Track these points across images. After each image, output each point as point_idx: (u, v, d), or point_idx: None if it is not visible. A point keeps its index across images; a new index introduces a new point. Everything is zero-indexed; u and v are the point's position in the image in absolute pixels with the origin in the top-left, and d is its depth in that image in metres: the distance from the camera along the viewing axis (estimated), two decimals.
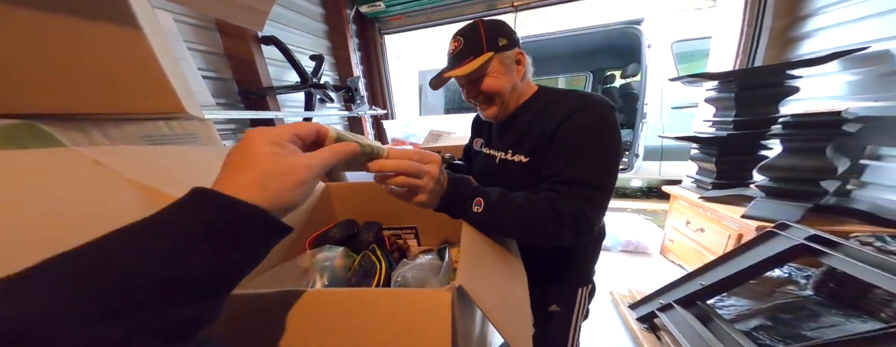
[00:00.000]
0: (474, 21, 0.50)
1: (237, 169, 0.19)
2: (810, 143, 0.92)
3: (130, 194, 0.30)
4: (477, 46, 0.48)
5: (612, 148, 0.43)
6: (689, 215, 1.28)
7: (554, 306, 0.56)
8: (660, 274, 1.33)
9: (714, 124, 1.22)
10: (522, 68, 0.51)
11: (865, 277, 0.58)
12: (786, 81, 1.08)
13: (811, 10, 1.11)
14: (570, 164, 0.42)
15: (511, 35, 0.49)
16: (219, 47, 1.09)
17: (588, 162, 0.41)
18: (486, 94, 0.50)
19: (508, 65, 0.49)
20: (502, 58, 0.48)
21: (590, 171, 0.41)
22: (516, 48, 0.50)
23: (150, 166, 0.35)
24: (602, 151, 0.42)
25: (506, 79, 0.49)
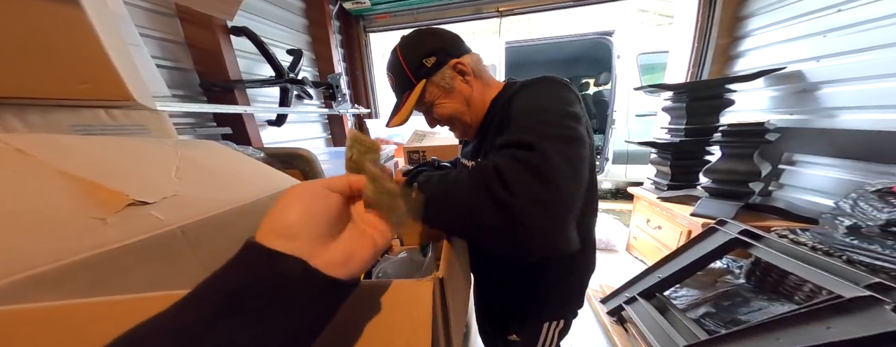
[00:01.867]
0: (393, 49, 0.44)
1: (276, 212, 0.16)
2: (742, 150, 1.05)
3: (65, 186, 0.27)
4: (405, 79, 0.43)
5: (553, 109, 0.33)
6: (649, 214, 1.41)
7: (513, 335, 0.50)
8: (627, 270, 1.43)
9: (669, 131, 1.35)
10: (469, 77, 0.44)
11: (782, 265, 0.67)
12: (725, 94, 1.23)
13: (745, 32, 1.28)
14: (505, 136, 0.31)
15: (439, 49, 0.42)
16: (178, 35, 0.98)
17: (523, 125, 0.31)
18: (441, 122, 0.48)
19: (447, 85, 0.43)
20: (437, 80, 0.43)
21: (514, 133, 0.30)
22: (450, 59, 0.43)
23: (87, 157, 0.31)
24: (538, 114, 0.32)
25: (451, 100, 0.44)
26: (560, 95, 0.35)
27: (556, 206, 0.25)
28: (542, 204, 0.24)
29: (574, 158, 0.28)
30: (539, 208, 0.24)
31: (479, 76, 0.46)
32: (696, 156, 1.31)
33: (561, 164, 0.26)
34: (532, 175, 0.25)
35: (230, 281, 0.14)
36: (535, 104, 0.35)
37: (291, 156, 0.87)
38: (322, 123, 1.72)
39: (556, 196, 0.25)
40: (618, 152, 2.50)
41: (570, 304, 0.51)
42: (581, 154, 0.29)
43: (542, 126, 0.30)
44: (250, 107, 1.11)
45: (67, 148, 0.31)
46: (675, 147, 1.30)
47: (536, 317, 0.49)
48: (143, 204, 0.29)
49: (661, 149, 1.39)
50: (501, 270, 0.49)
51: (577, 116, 0.33)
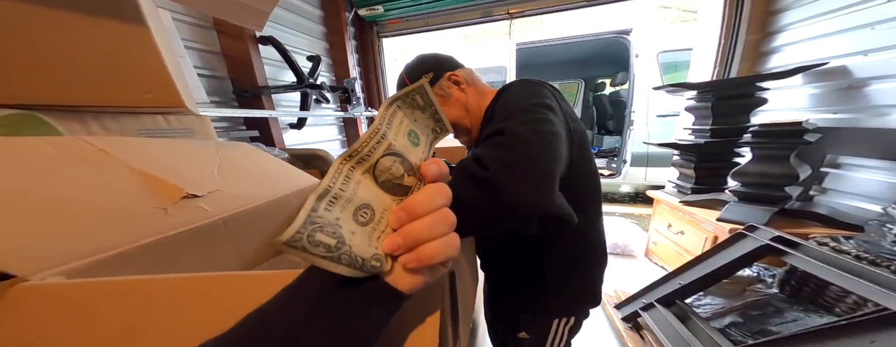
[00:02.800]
0: (400, 74, 0.52)
1: None
2: (776, 151, 0.98)
3: (135, 180, 0.32)
4: None
5: (523, 102, 0.34)
6: (670, 218, 1.34)
7: (523, 333, 0.51)
8: (644, 276, 1.37)
9: (693, 132, 1.29)
10: (463, 85, 0.50)
11: (822, 275, 0.63)
12: (756, 93, 1.15)
13: (779, 27, 1.20)
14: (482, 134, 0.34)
15: (434, 65, 0.50)
16: (215, 46, 1.09)
17: (496, 120, 0.34)
18: None
19: (445, 93, 0.50)
20: (436, 90, 0.50)
21: (494, 123, 0.32)
22: (446, 73, 0.50)
23: (152, 156, 0.36)
24: (510, 108, 0.34)
25: (450, 107, 0.50)
26: (531, 91, 0.38)
27: (527, 167, 0.26)
28: (512, 167, 0.26)
29: (548, 133, 0.30)
30: (510, 171, 0.25)
31: (473, 84, 0.51)
32: (723, 157, 1.23)
33: (527, 134, 0.28)
34: (501, 147, 0.27)
35: (320, 283, 0.15)
36: (509, 102, 0.37)
37: (311, 156, 0.98)
38: (338, 126, 1.81)
39: (525, 158, 0.27)
40: (637, 154, 2.40)
41: (579, 301, 0.51)
42: (555, 131, 0.31)
43: (511, 116, 0.32)
44: (275, 112, 1.20)
45: (136, 148, 0.36)
46: (700, 148, 1.24)
47: (545, 314, 0.49)
48: (194, 197, 0.34)
49: (684, 151, 1.33)
50: (508, 268, 0.51)
51: (547, 106, 0.34)
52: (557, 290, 0.48)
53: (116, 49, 0.36)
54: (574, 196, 0.33)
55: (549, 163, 0.28)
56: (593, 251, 0.49)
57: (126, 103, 0.39)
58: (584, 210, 0.42)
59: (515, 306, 0.51)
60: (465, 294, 0.31)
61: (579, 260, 0.48)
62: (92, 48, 0.35)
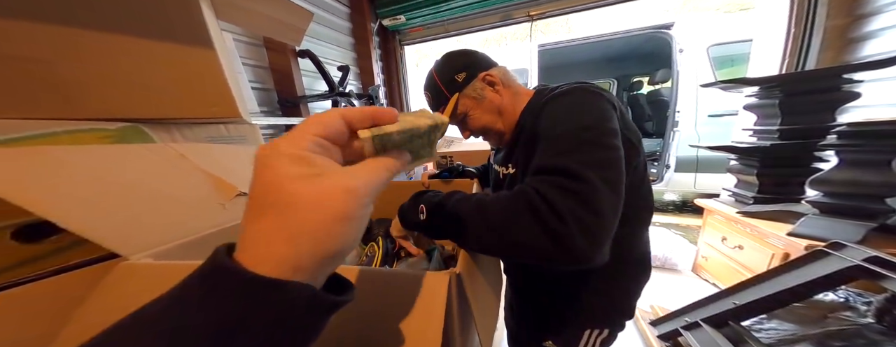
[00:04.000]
0: (429, 71, 0.49)
1: (258, 211, 0.12)
2: (873, 156, 0.81)
3: (203, 180, 0.39)
4: (441, 95, 0.48)
5: (591, 127, 0.32)
6: (725, 231, 1.18)
7: (549, 341, 0.48)
8: (690, 292, 1.22)
9: (755, 133, 1.13)
10: (498, 87, 0.47)
11: None
12: (843, 86, 0.97)
13: (874, 8, 1.00)
14: (537, 156, 0.32)
15: (468, 65, 0.47)
16: (265, 61, 1.27)
17: (554, 147, 0.32)
18: (475, 133, 0.51)
19: (479, 95, 0.47)
20: (469, 92, 0.47)
21: (555, 156, 0.30)
22: (480, 73, 0.46)
23: (214, 160, 0.44)
24: (577, 133, 0.32)
25: (483, 110, 0.47)
26: (595, 108, 0.35)
27: (602, 233, 0.26)
28: (592, 232, 0.26)
29: (616, 182, 0.29)
30: (588, 236, 0.26)
31: (508, 86, 0.48)
32: (796, 163, 1.05)
33: (607, 194, 0.28)
34: (582, 206, 0.26)
35: (221, 315, 0.10)
36: (571, 120, 0.34)
37: None
38: None
39: (603, 223, 0.27)
40: (684, 159, 2.15)
41: (616, 313, 0.48)
42: (621, 175, 0.30)
43: (582, 149, 0.30)
44: None
45: (204, 152, 0.44)
46: (765, 152, 1.07)
47: (576, 324, 0.47)
48: (244, 194, 0.41)
49: (743, 155, 1.16)
50: (540, 274, 0.49)
51: (615, 132, 0.33)
52: (593, 300, 0.45)
53: (193, 71, 0.44)
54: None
55: (614, 219, 0.28)
56: (636, 263, 0.46)
57: (198, 115, 0.47)
58: (629, 222, 0.40)
59: (544, 313, 0.49)
60: (483, 293, 0.31)
61: (620, 271, 0.45)
62: (176, 71, 0.43)
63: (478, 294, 0.29)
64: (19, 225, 0.30)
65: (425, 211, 0.34)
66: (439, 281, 0.23)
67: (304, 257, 0.11)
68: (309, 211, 0.12)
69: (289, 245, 0.11)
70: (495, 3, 1.68)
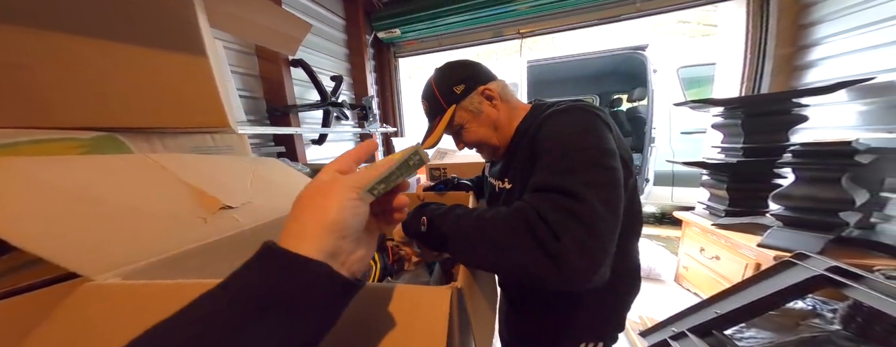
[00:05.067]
0: (428, 80, 0.49)
1: (294, 215, 0.17)
2: (824, 173, 0.90)
3: (183, 193, 0.36)
4: (437, 105, 0.48)
5: (590, 147, 0.33)
6: (702, 242, 1.24)
7: None
8: (673, 302, 1.25)
9: (723, 150, 1.22)
10: (496, 101, 0.47)
11: (893, 313, 0.54)
12: (794, 109, 1.09)
13: (813, 40, 1.15)
14: (537, 174, 0.33)
15: (468, 77, 0.46)
16: (255, 70, 1.23)
17: (554, 166, 0.32)
18: (469, 146, 0.51)
19: (476, 109, 0.47)
20: (466, 105, 0.46)
21: (555, 174, 0.31)
22: (479, 86, 0.46)
23: (198, 171, 0.41)
24: (576, 152, 0.32)
25: (479, 124, 0.47)
26: (594, 128, 0.35)
27: (600, 253, 0.26)
28: (589, 252, 0.26)
29: (614, 202, 0.29)
30: (586, 256, 0.26)
31: (506, 100, 0.48)
32: (760, 178, 1.14)
33: (605, 214, 0.28)
34: (580, 226, 0.26)
35: (265, 282, 0.14)
36: (571, 139, 0.34)
37: None
38: (355, 142, 1.92)
39: (601, 244, 0.27)
40: (661, 173, 2.28)
41: (609, 326, 0.48)
42: (620, 195, 0.31)
43: (581, 169, 0.31)
44: (300, 129, 1.30)
45: (187, 164, 0.41)
46: (732, 168, 1.16)
47: (571, 338, 0.47)
48: (229, 208, 0.38)
49: (714, 171, 1.25)
50: (536, 289, 0.48)
51: (613, 152, 0.33)
52: (587, 314, 0.46)
53: (181, 77, 0.41)
54: None
55: (612, 240, 0.28)
56: (627, 276, 0.47)
57: (183, 124, 0.44)
58: (621, 237, 0.42)
59: (539, 327, 0.49)
60: (482, 309, 0.31)
61: (613, 285, 0.45)
62: (162, 77, 0.40)
63: (477, 308, 0.28)
64: None
65: (426, 224, 0.34)
66: (441, 296, 0.23)
67: (324, 237, 0.16)
68: (315, 197, 0.18)
69: (314, 227, 0.17)
70: (488, 21, 1.76)
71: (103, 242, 0.26)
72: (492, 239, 0.28)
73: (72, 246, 0.25)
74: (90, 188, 0.29)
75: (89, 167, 0.32)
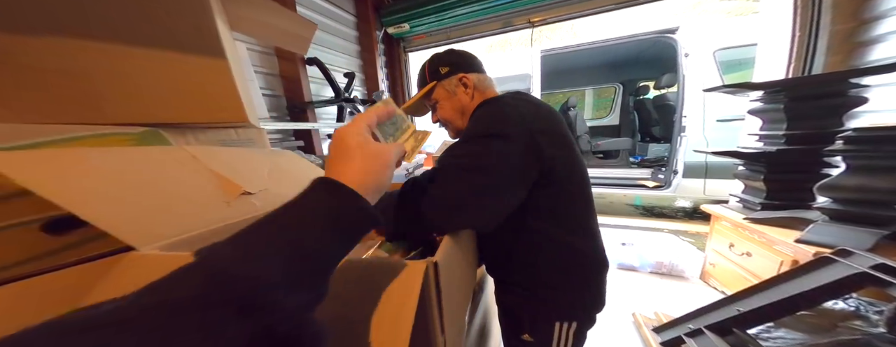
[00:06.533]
0: (426, 62, 0.57)
1: (342, 160, 0.22)
2: (882, 161, 0.79)
3: (211, 179, 0.42)
4: (423, 79, 0.57)
5: (473, 134, 0.42)
6: (732, 237, 1.15)
7: (526, 335, 0.51)
8: (695, 299, 1.18)
9: (761, 138, 1.11)
10: (470, 89, 0.53)
11: None
12: (850, 91, 0.96)
13: (880, 12, 0.99)
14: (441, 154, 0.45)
15: (454, 63, 0.54)
16: (276, 69, 1.32)
17: (450, 147, 0.43)
18: (440, 121, 0.59)
19: (451, 90, 0.54)
20: (445, 84, 0.54)
21: (443, 155, 0.42)
22: (459, 73, 0.53)
23: (223, 161, 0.47)
24: (462, 139, 0.43)
25: (451, 104, 0.54)
26: (492, 117, 0.43)
27: (436, 212, 0.39)
28: (435, 209, 0.39)
29: (457, 183, 0.39)
30: (432, 211, 0.39)
31: (481, 91, 0.54)
32: (803, 168, 1.03)
33: (441, 195, 0.39)
34: (427, 197, 0.39)
35: (330, 206, 0.19)
36: (468, 128, 0.45)
37: None
38: None
39: (438, 206, 0.39)
40: (692, 164, 2.10)
41: (581, 304, 0.50)
42: (469, 180, 0.39)
43: (451, 151, 0.42)
44: (317, 124, 1.39)
45: (214, 155, 0.46)
46: (771, 157, 1.05)
47: (546, 317, 0.49)
48: (248, 194, 0.42)
49: (749, 161, 1.14)
50: (508, 271, 0.52)
51: (493, 136, 0.41)
52: (552, 293, 0.49)
53: (204, 78, 0.47)
54: (543, 208, 0.45)
55: (447, 211, 0.39)
56: (582, 257, 0.49)
57: (209, 120, 0.50)
58: (558, 222, 0.47)
59: (517, 307, 0.52)
60: (455, 287, 0.33)
61: (569, 265, 0.48)
62: (189, 79, 0.46)
63: (451, 286, 0.31)
64: (48, 219, 0.32)
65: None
66: (417, 270, 0.25)
67: (371, 188, 0.22)
68: (372, 160, 0.23)
69: (364, 178, 0.22)
70: (496, 11, 1.72)
71: (148, 219, 0.32)
72: (394, 205, 0.41)
73: (126, 222, 0.30)
74: (138, 174, 0.35)
75: (137, 156, 0.38)
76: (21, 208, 0.30)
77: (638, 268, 1.50)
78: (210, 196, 0.39)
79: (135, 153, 0.39)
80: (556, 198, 0.46)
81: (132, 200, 0.33)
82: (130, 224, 0.30)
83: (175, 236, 0.32)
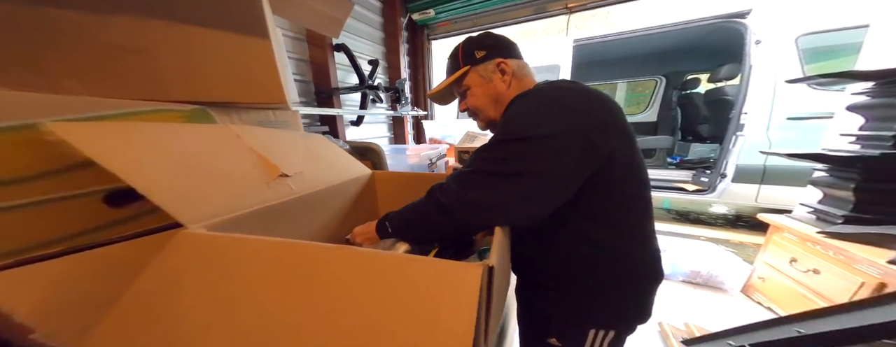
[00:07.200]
0: (460, 44, 0.52)
1: None
2: None
3: (253, 159, 0.43)
4: (455, 63, 0.51)
5: (506, 132, 0.39)
6: (796, 252, 1.02)
7: (554, 339, 0.48)
8: (734, 314, 1.11)
9: (859, 139, 0.93)
10: (508, 77, 0.49)
11: None
12: None
13: None
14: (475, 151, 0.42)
15: (491, 46, 0.49)
16: (305, 55, 1.31)
17: (483, 146, 0.41)
18: (470, 110, 0.54)
19: (487, 77, 0.49)
20: (480, 70, 0.49)
21: (476, 154, 0.40)
22: (497, 58, 0.49)
23: (262, 141, 0.47)
24: (496, 136, 0.40)
25: (484, 91, 0.50)
26: (536, 112, 0.39)
27: (463, 191, 0.38)
28: (445, 190, 0.40)
29: (484, 188, 0.37)
30: (442, 192, 0.40)
31: (519, 79, 0.50)
32: None
33: (461, 200, 0.38)
34: (456, 181, 0.39)
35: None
36: (504, 123, 0.42)
37: (366, 149, 1.12)
38: (387, 124, 1.95)
39: (450, 214, 0.39)
40: (745, 167, 1.87)
41: (622, 314, 0.46)
42: (489, 183, 0.37)
43: (489, 153, 0.39)
44: (341, 110, 1.39)
45: (255, 134, 0.47)
46: (870, 163, 0.88)
47: (579, 323, 0.46)
48: (285, 176, 0.43)
49: (838, 166, 0.97)
50: (534, 270, 0.49)
51: (536, 137, 0.36)
52: (594, 300, 0.45)
53: (250, 59, 0.47)
54: (593, 209, 0.41)
55: (468, 216, 0.38)
56: (632, 265, 0.44)
57: (251, 100, 0.50)
58: (608, 225, 0.42)
59: (548, 309, 0.48)
60: (499, 292, 0.31)
61: (615, 272, 0.44)
62: (237, 59, 0.47)
63: (497, 290, 0.29)
64: (110, 191, 0.33)
65: (390, 227, 0.44)
66: (473, 273, 0.23)
67: None
68: None
69: None
70: None
71: (196, 197, 0.32)
72: (417, 215, 0.42)
73: (177, 197, 0.30)
74: (190, 150, 0.36)
75: (189, 133, 0.39)
76: (87, 178, 0.31)
77: (669, 276, 1.41)
78: (251, 176, 0.40)
79: (187, 130, 0.40)
80: (608, 199, 0.41)
81: (183, 177, 0.33)
82: (181, 200, 0.30)
83: (220, 216, 0.32)
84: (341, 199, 0.56)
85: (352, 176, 0.59)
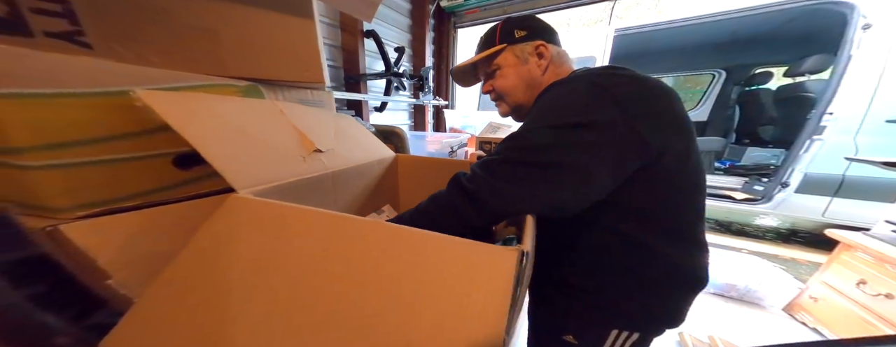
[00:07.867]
0: (500, 22, 0.48)
1: None
2: None
3: (292, 134, 0.45)
4: (491, 40, 0.48)
5: (541, 124, 0.34)
6: (867, 273, 0.89)
7: (570, 336, 0.44)
8: (770, 332, 1.02)
9: None
10: (545, 62, 0.45)
11: None
12: None
13: None
14: (504, 140, 0.38)
15: (533, 28, 0.46)
16: (338, 41, 1.34)
17: (513, 134, 0.37)
18: (496, 92, 0.50)
19: (523, 58, 0.46)
20: (516, 50, 0.46)
21: (504, 143, 0.36)
22: (538, 40, 0.45)
23: (302, 118, 0.50)
24: (528, 125, 0.36)
25: (517, 73, 0.46)
26: (578, 99, 0.35)
27: (482, 181, 0.35)
28: (464, 180, 0.36)
29: (512, 180, 0.33)
30: (461, 183, 0.36)
31: (557, 66, 0.47)
32: None
33: (488, 191, 0.34)
34: (481, 168, 0.35)
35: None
36: (539, 108, 0.38)
37: (390, 133, 1.15)
38: (408, 112, 1.93)
39: (496, 181, 0.34)
40: (816, 176, 1.57)
41: (654, 317, 0.42)
42: (522, 174, 0.33)
43: (514, 140, 0.36)
44: (367, 96, 1.41)
45: (295, 111, 0.49)
46: None
47: (602, 322, 0.43)
48: (319, 151, 0.45)
49: None
50: (556, 265, 0.45)
51: (578, 126, 0.33)
52: (624, 302, 0.41)
53: (296, 38, 0.50)
54: (635, 208, 0.37)
55: (494, 207, 0.35)
56: (677, 274, 0.40)
57: (295, 79, 0.52)
58: (653, 227, 0.38)
59: (569, 308, 0.45)
60: (525, 281, 0.30)
61: (657, 280, 0.40)
62: (285, 38, 0.49)
63: (524, 277, 0.28)
64: (179, 153, 0.36)
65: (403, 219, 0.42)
66: (507, 257, 0.22)
67: None
68: None
69: None
70: None
71: (246, 165, 0.35)
72: (436, 207, 0.37)
73: (232, 163, 0.32)
74: (241, 122, 0.39)
75: (242, 106, 0.42)
76: (161, 141, 0.35)
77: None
78: (290, 149, 0.43)
79: (243, 104, 0.43)
80: (657, 199, 0.37)
81: (237, 146, 0.36)
82: (235, 166, 0.33)
83: (265, 183, 0.35)
84: (366, 179, 0.58)
85: (377, 157, 0.61)
